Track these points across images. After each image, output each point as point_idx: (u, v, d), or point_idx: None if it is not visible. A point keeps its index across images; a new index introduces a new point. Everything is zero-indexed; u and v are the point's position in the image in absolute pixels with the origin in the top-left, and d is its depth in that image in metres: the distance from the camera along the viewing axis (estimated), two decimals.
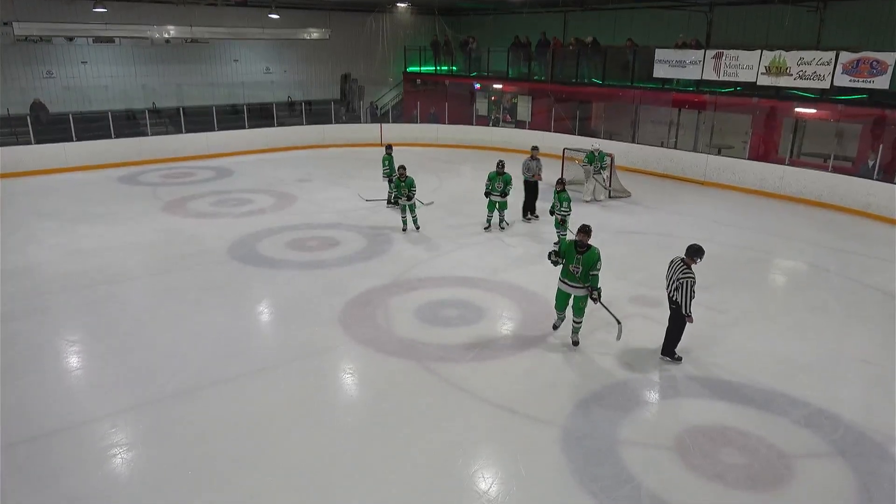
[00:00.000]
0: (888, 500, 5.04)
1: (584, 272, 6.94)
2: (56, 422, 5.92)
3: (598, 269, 6.95)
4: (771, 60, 14.79)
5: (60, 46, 19.76)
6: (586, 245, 6.93)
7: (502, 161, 11.87)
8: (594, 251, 6.92)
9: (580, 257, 6.93)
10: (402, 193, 11.44)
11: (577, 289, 7.12)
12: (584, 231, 6.94)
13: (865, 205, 13.48)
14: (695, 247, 6.82)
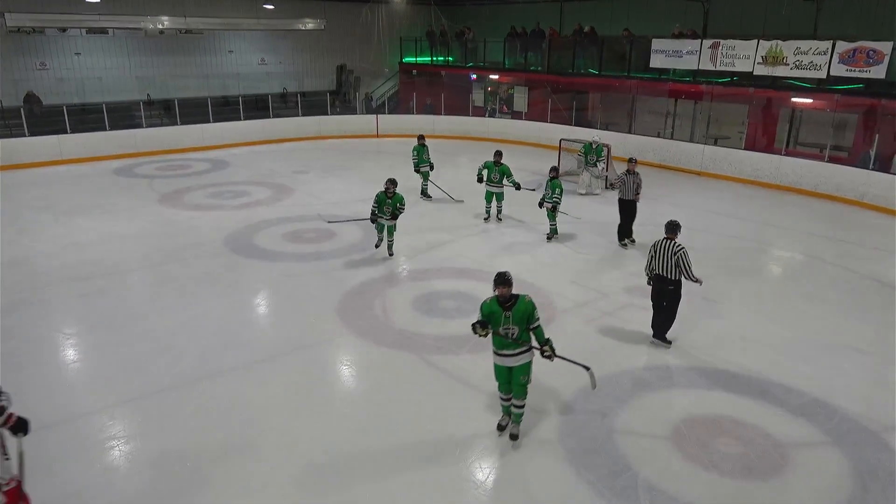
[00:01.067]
0: (883, 488, 5.08)
1: (520, 332, 5.34)
2: (54, 414, 5.92)
3: (538, 320, 5.39)
4: (767, 50, 14.76)
5: (53, 38, 19.60)
6: (511, 297, 5.32)
7: (500, 151, 11.85)
8: (523, 301, 5.35)
9: (509, 315, 5.28)
10: (385, 212, 9.63)
11: (516, 357, 5.42)
12: (503, 281, 5.31)
13: (861, 194, 13.51)
14: (673, 222, 7.20)
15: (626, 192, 10.23)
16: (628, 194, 10.22)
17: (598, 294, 8.70)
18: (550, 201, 10.59)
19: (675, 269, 6.92)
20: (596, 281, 9.17)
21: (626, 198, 10.26)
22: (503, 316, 5.29)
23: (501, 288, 5.31)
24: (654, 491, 4.99)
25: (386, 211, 9.54)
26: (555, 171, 10.79)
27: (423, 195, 13.52)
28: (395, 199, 9.47)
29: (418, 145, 13.35)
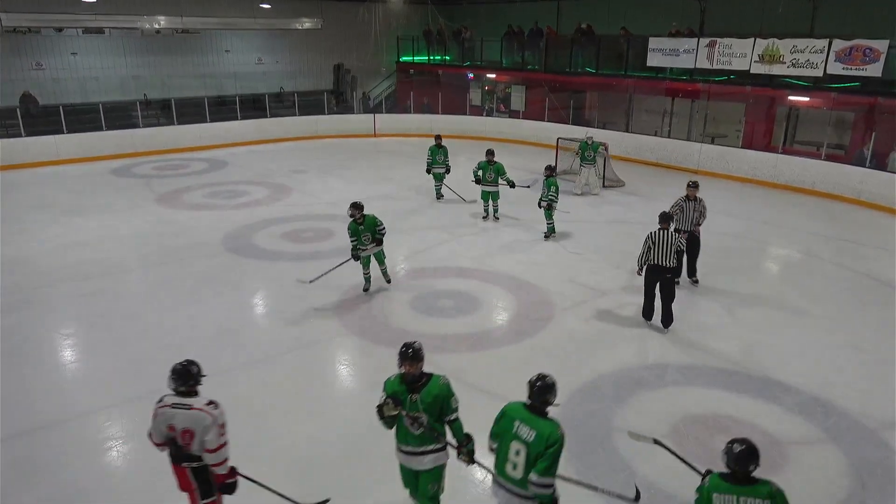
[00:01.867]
0: (881, 486, 5.10)
1: (430, 423, 4.04)
2: (52, 415, 5.92)
3: (456, 411, 4.12)
4: (764, 48, 14.78)
5: (49, 38, 19.54)
6: (421, 375, 4.04)
7: (491, 149, 11.82)
8: (437, 383, 4.04)
9: (416, 398, 3.99)
10: (365, 241, 8.23)
11: (423, 457, 4.18)
12: (410, 356, 3.97)
13: (858, 192, 13.54)
14: (666, 213, 7.52)
15: (685, 223, 8.51)
16: (687, 224, 8.51)
17: (597, 293, 8.71)
18: (546, 200, 10.61)
19: (674, 257, 7.19)
20: (594, 279, 9.18)
21: (683, 229, 8.47)
22: (409, 400, 4.00)
23: (408, 364, 3.98)
24: (652, 489, 5.00)
25: (365, 240, 8.23)
26: (550, 169, 10.79)
27: (438, 196, 13.36)
28: (367, 222, 8.15)
29: (434, 146, 13.08)
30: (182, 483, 4.15)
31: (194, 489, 4.12)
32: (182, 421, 3.98)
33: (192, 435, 3.98)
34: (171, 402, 4.05)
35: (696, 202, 8.56)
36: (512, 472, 3.89)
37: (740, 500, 3.43)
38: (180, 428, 4.00)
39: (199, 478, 4.08)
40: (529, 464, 3.79)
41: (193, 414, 3.97)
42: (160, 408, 4.05)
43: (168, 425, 4.02)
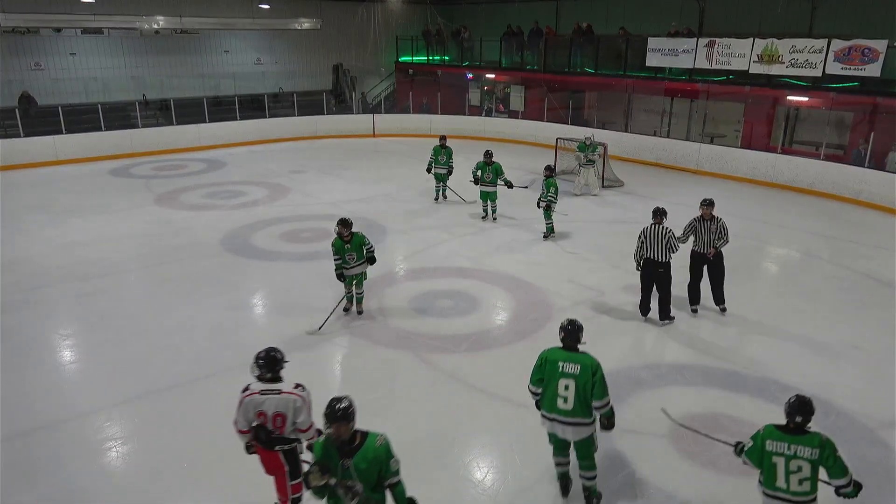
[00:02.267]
0: (880, 485, 5.10)
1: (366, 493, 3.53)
2: (50, 415, 5.91)
3: (397, 473, 3.65)
4: (763, 48, 14.78)
5: (48, 38, 19.54)
6: (354, 436, 3.57)
7: (489, 150, 11.81)
8: (372, 444, 3.56)
9: (349, 465, 3.50)
10: (349, 261, 7.52)
11: None
12: (339, 414, 3.53)
13: (857, 192, 13.55)
14: (659, 208, 7.42)
15: (700, 244, 7.73)
16: (703, 247, 7.70)
17: (595, 292, 8.71)
18: (545, 200, 10.62)
19: (666, 251, 7.26)
20: (593, 279, 9.18)
21: (701, 251, 7.74)
22: (340, 467, 3.50)
23: (336, 426, 3.50)
24: (651, 489, 5.00)
25: (350, 259, 7.48)
26: (549, 169, 10.80)
27: (442, 196, 13.21)
28: (354, 241, 7.49)
29: (437, 146, 12.84)
30: (271, 466, 4.32)
31: (284, 472, 4.30)
32: (272, 406, 4.14)
33: (283, 418, 4.15)
34: (258, 389, 4.18)
35: (712, 222, 7.64)
36: (563, 406, 4.49)
37: (791, 448, 3.85)
38: (271, 413, 4.15)
39: (290, 459, 4.28)
40: (579, 393, 4.43)
41: (284, 398, 4.15)
42: (247, 396, 4.18)
43: (257, 412, 4.15)
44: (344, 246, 7.43)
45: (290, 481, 4.32)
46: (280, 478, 4.33)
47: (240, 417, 4.21)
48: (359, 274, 7.71)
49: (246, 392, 4.19)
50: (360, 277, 7.77)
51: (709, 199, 7.72)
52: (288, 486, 4.34)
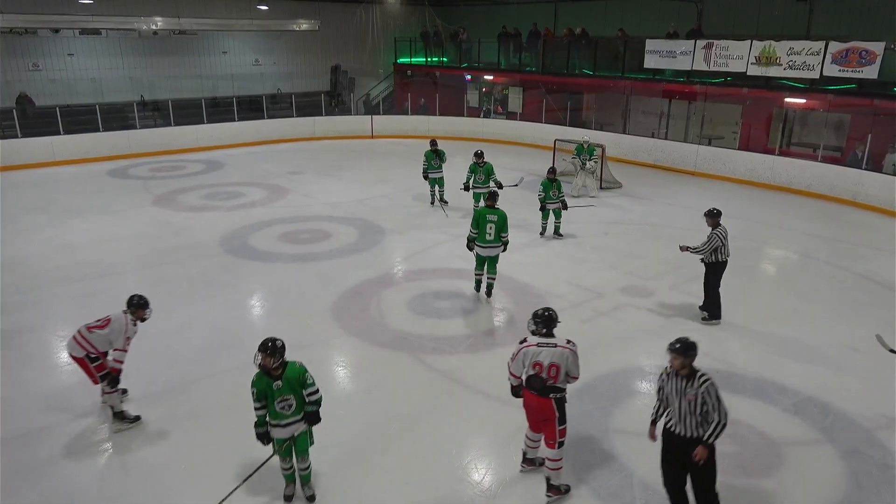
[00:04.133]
0: (876, 486, 5.11)
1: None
2: (48, 417, 5.90)
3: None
4: (761, 50, 14.81)
5: (46, 38, 19.52)
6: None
7: (479, 151, 11.75)
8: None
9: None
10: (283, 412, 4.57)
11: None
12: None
13: (854, 194, 13.58)
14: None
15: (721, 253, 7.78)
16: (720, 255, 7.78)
17: (594, 294, 8.72)
18: (558, 200, 10.79)
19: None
20: (591, 281, 9.19)
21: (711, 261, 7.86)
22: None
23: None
24: (649, 490, 5.00)
25: (284, 409, 4.58)
26: (553, 171, 10.87)
27: (441, 202, 12.93)
28: (288, 376, 4.55)
29: (429, 151, 12.69)
30: (542, 412, 4.82)
31: (555, 418, 4.79)
32: (548, 357, 4.68)
33: (558, 369, 4.69)
34: (535, 342, 4.75)
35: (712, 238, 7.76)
36: (489, 238, 8.03)
37: None
38: (547, 363, 4.68)
39: (559, 407, 4.79)
40: (496, 230, 8.00)
41: (559, 350, 4.70)
42: (526, 347, 4.75)
43: (534, 362, 4.69)
44: (270, 386, 4.50)
45: (559, 426, 4.79)
46: (550, 422, 4.80)
47: (517, 365, 4.79)
48: (300, 437, 4.72)
49: (524, 343, 4.78)
50: (304, 443, 4.76)
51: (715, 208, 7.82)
52: (556, 430, 4.79)
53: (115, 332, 5.48)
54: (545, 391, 4.71)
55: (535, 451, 5.15)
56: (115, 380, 5.57)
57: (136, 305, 5.59)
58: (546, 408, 4.75)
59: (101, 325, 5.52)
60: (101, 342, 5.50)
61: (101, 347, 5.51)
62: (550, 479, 4.88)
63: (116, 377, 5.57)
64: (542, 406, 4.76)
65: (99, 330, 5.49)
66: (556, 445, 4.79)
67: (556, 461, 4.82)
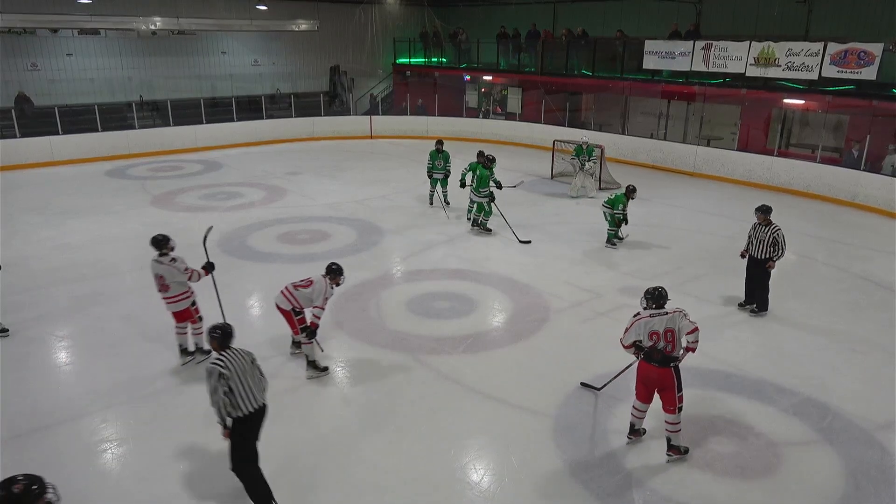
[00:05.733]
0: (874, 486, 5.11)
1: None
2: (46, 418, 5.89)
3: None
4: (760, 51, 14.82)
5: (45, 38, 19.50)
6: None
7: (482, 151, 11.70)
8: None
9: None
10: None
11: None
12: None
13: (853, 195, 13.59)
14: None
15: (753, 248, 8.14)
16: (756, 252, 8.09)
17: (592, 294, 8.72)
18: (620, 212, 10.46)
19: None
20: (590, 281, 9.18)
21: (754, 255, 8.14)
22: None
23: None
24: (648, 491, 5.00)
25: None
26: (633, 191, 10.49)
27: (444, 203, 12.78)
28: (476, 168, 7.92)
29: (434, 151, 12.61)
30: (661, 384, 5.17)
31: (674, 386, 5.11)
32: (661, 324, 5.06)
33: (673, 333, 5.06)
34: (648, 313, 5.13)
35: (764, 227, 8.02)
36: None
37: None
38: (662, 329, 5.05)
39: (677, 375, 5.12)
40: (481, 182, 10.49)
41: (669, 316, 5.09)
42: (640, 319, 5.13)
43: (650, 332, 5.05)
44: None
45: (678, 393, 5.12)
46: (670, 390, 5.13)
47: (629, 336, 5.17)
48: None
49: (637, 316, 5.17)
50: None
51: (766, 205, 8.09)
52: (675, 397, 5.12)
53: (317, 292, 6.30)
54: (665, 361, 5.10)
55: (641, 421, 5.53)
56: (313, 333, 6.39)
57: (333, 272, 6.40)
58: (666, 377, 5.14)
59: (304, 284, 6.38)
60: (303, 299, 6.36)
61: (303, 304, 6.37)
62: (671, 440, 5.30)
63: (314, 331, 6.38)
64: (662, 376, 5.14)
65: (303, 289, 6.35)
66: (675, 410, 5.17)
67: (676, 424, 5.22)
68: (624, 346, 5.27)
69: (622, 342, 5.28)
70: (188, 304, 6.76)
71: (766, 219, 7.89)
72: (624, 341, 5.25)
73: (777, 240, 7.82)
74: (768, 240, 7.85)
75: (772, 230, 7.84)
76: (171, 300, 6.67)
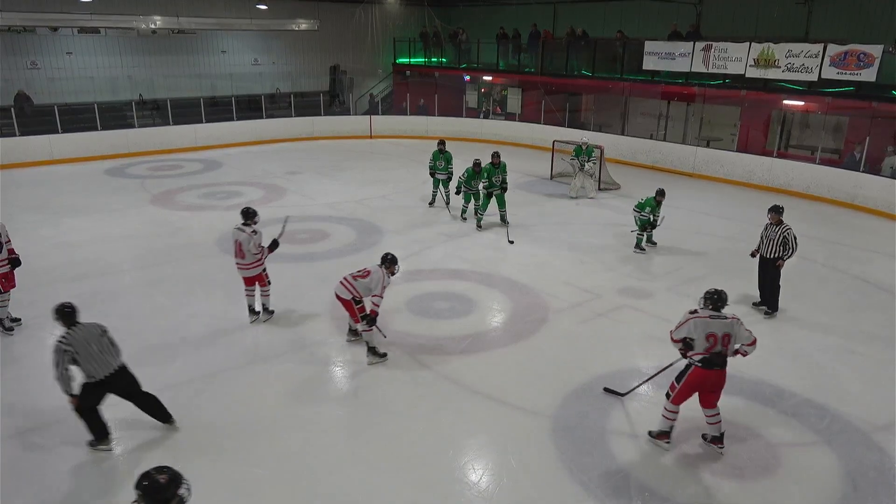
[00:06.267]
0: (872, 487, 5.12)
1: None
2: (44, 417, 5.89)
3: None
4: (759, 53, 14.84)
5: (45, 37, 19.49)
6: None
7: (497, 152, 11.72)
8: None
9: None
10: None
11: None
12: None
13: (852, 196, 13.60)
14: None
15: (764, 248, 8.14)
16: (767, 251, 8.11)
17: (592, 295, 8.72)
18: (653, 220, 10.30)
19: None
20: (589, 282, 9.19)
21: (765, 255, 8.17)
22: None
23: None
24: (646, 491, 5.00)
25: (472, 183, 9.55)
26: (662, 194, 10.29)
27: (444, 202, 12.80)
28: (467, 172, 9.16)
29: (436, 151, 12.64)
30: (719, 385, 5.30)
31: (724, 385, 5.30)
32: (721, 328, 5.13)
33: (730, 338, 5.16)
34: (706, 314, 5.18)
35: (775, 227, 7.98)
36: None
37: None
38: (721, 334, 5.12)
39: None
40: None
41: (728, 321, 5.18)
42: (696, 317, 5.16)
43: (707, 333, 5.10)
44: None
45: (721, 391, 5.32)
46: (720, 390, 5.31)
47: (681, 331, 5.21)
48: None
49: (694, 314, 5.21)
50: None
51: (778, 205, 8.06)
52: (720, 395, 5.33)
53: (375, 281, 6.61)
54: (724, 363, 5.22)
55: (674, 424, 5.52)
56: (373, 320, 6.70)
57: (388, 262, 6.72)
58: (722, 378, 5.28)
59: (362, 274, 6.69)
60: (362, 288, 6.65)
61: (362, 293, 6.66)
62: (719, 433, 5.44)
63: (374, 318, 6.69)
64: (719, 377, 5.26)
65: (361, 279, 6.65)
66: (717, 405, 5.38)
67: (720, 415, 5.41)
68: (673, 339, 5.31)
69: (672, 335, 5.31)
70: (260, 271, 7.70)
71: (779, 219, 7.94)
72: (674, 335, 5.29)
73: (787, 239, 7.87)
74: (778, 239, 7.91)
75: (783, 230, 7.90)
76: (245, 266, 7.60)
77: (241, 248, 7.52)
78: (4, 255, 7.35)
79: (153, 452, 5.42)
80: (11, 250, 7.48)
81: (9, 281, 7.38)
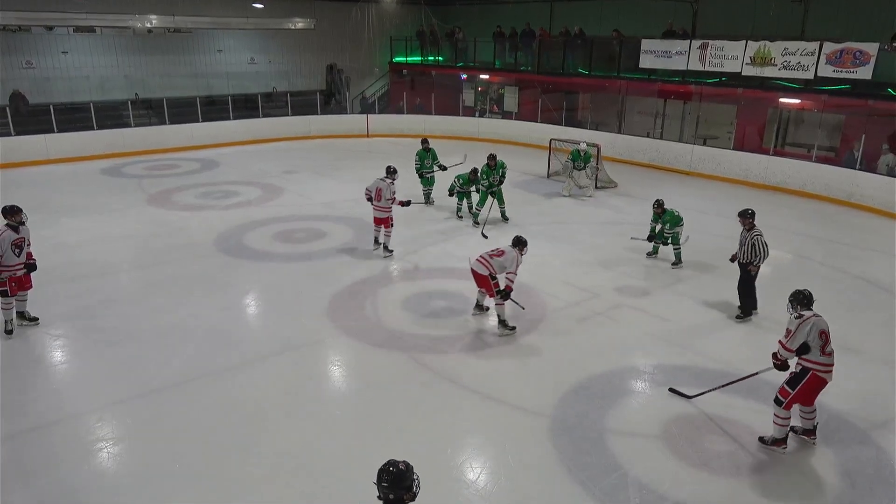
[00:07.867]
0: (870, 485, 5.14)
1: None
2: (42, 417, 5.88)
3: None
4: (756, 51, 14.86)
5: (40, 36, 19.40)
6: None
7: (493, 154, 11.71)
8: None
9: None
10: None
11: None
12: None
13: (848, 194, 13.63)
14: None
15: (739, 252, 8.08)
16: (741, 256, 8.04)
17: (590, 294, 8.73)
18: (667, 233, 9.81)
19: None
20: (587, 281, 9.20)
21: (740, 260, 8.10)
22: None
23: None
24: (644, 490, 5.02)
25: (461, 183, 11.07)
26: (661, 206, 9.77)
27: (427, 201, 12.93)
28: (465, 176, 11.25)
29: (421, 150, 12.75)
30: None
31: None
32: (826, 324, 5.31)
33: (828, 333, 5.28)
34: (812, 313, 5.31)
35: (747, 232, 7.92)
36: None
37: None
38: (827, 330, 5.28)
39: None
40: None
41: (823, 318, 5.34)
42: (808, 320, 5.30)
43: (820, 331, 5.26)
44: None
45: None
46: None
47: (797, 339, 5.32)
48: None
49: (804, 318, 5.33)
50: None
51: (749, 209, 7.94)
52: None
53: (509, 260, 7.23)
54: None
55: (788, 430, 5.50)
56: (507, 295, 7.28)
57: (521, 243, 7.38)
58: None
59: (497, 254, 7.34)
60: (497, 266, 7.25)
61: (497, 270, 7.26)
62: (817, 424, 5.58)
63: (508, 293, 7.27)
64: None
65: (497, 258, 7.29)
66: None
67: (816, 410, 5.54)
68: (788, 350, 5.28)
69: (787, 348, 5.30)
70: (388, 215, 9.78)
71: (748, 223, 7.78)
72: (789, 344, 5.27)
73: (755, 246, 7.70)
74: (748, 245, 7.78)
75: (752, 235, 7.74)
76: (379, 209, 9.77)
77: (379, 194, 9.59)
78: (23, 258, 7.32)
79: (153, 452, 5.42)
80: (30, 254, 7.44)
81: (19, 285, 7.34)
